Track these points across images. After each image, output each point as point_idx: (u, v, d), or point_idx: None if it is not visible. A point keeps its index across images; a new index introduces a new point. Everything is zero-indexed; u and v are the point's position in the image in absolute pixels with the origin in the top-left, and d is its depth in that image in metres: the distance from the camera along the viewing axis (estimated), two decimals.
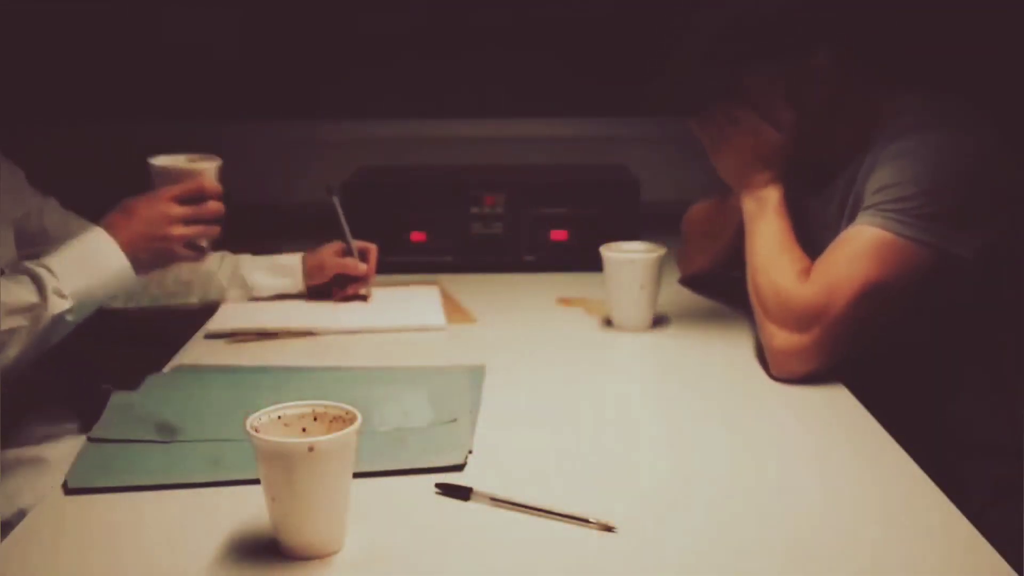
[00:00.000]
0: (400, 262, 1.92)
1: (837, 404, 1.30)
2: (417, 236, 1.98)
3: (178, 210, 1.39)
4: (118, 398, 1.30)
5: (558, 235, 1.99)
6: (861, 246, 1.33)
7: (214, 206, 1.42)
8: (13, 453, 1.37)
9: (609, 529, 0.97)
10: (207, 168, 1.45)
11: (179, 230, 1.38)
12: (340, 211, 1.69)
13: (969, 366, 1.43)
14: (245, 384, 1.36)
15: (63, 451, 1.34)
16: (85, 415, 1.44)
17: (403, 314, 1.67)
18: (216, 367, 1.45)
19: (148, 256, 1.38)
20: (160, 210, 1.38)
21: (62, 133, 2.38)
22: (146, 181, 1.45)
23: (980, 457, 1.40)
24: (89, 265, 1.33)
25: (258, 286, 1.72)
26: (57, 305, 1.29)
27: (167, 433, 1.19)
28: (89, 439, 1.19)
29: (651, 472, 1.13)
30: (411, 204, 2.01)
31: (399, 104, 2.45)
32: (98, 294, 1.32)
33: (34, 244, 1.57)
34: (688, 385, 1.39)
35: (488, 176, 2.13)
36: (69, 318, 1.30)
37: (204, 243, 1.45)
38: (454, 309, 1.72)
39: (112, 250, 1.34)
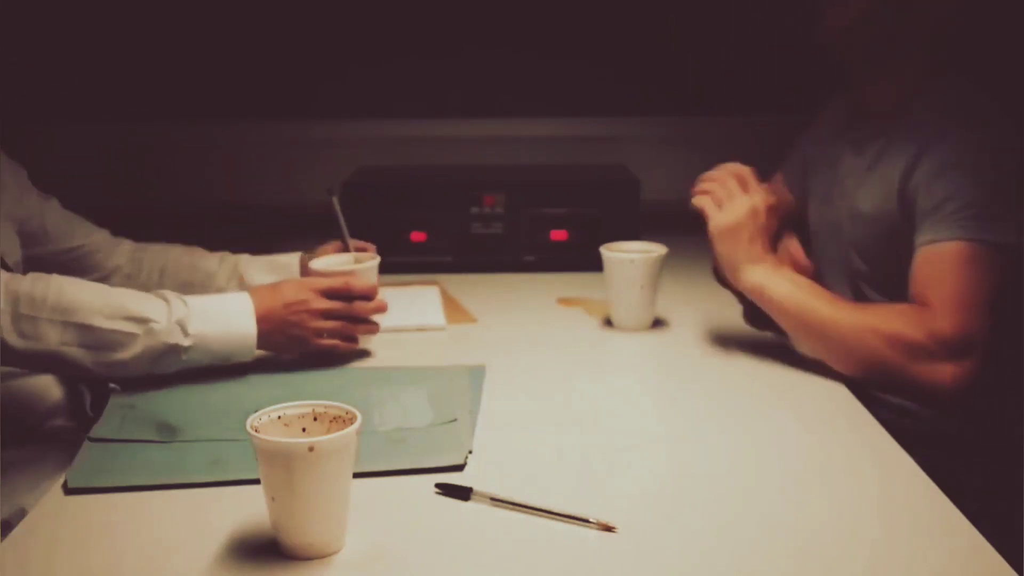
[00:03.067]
0: (400, 262, 1.92)
1: (837, 404, 1.30)
2: (417, 236, 1.98)
3: (320, 303, 1.39)
4: (118, 398, 1.30)
5: (558, 235, 1.99)
6: (959, 262, 1.32)
7: (361, 306, 1.43)
8: (13, 453, 1.37)
9: (609, 529, 0.97)
10: (360, 269, 1.48)
11: (316, 322, 1.38)
12: (339, 212, 1.69)
13: None
14: (245, 384, 1.36)
15: (63, 451, 1.33)
16: (85, 415, 1.44)
17: (403, 314, 1.67)
18: (216, 367, 1.45)
19: (281, 339, 1.38)
20: (303, 298, 1.38)
21: (62, 133, 2.38)
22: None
23: (980, 457, 1.41)
24: (220, 317, 1.33)
25: (256, 285, 1.71)
26: (175, 335, 1.29)
27: (167, 433, 1.19)
28: (89, 439, 1.19)
29: (651, 472, 1.13)
30: (411, 204, 2.01)
31: (399, 104, 2.46)
32: (214, 347, 1.32)
33: (35, 245, 1.57)
34: (688, 385, 1.39)
35: (488, 176, 2.13)
36: (184, 357, 1.30)
37: (357, 336, 1.46)
38: (454, 309, 1.72)
39: (247, 314, 1.34)
